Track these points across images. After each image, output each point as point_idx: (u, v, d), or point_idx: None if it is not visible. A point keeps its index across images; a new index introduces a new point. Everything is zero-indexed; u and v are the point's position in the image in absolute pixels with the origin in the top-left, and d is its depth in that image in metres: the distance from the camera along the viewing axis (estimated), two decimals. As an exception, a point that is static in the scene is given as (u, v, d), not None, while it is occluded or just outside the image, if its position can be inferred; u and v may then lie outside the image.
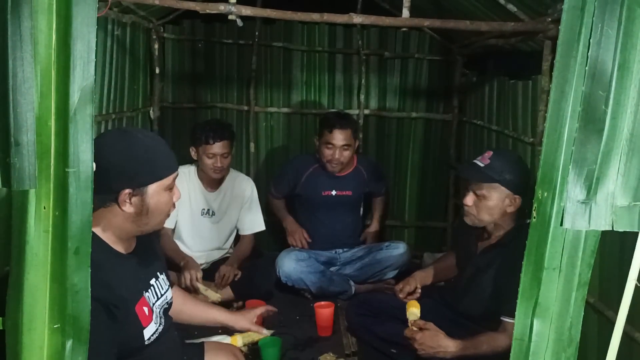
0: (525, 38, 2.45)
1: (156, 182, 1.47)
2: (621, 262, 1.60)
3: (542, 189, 0.87)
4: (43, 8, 0.84)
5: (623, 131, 0.84)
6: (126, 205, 1.44)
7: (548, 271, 0.89)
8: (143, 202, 1.46)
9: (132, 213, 1.45)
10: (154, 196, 1.47)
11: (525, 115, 2.52)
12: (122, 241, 1.52)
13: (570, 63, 0.83)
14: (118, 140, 1.46)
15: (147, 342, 1.53)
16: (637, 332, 1.53)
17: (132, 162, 1.44)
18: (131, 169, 1.43)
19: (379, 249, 3.19)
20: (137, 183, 1.44)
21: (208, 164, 2.81)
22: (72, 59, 0.86)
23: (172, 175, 1.52)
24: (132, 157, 1.44)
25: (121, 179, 1.42)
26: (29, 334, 0.91)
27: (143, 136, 1.53)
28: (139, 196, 1.45)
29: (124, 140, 1.47)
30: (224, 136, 2.81)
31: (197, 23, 3.59)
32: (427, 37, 3.59)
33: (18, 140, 0.83)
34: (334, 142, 3.00)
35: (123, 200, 1.43)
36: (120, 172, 1.42)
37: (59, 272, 0.90)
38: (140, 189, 1.45)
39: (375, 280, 3.16)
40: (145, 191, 1.46)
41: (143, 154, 1.46)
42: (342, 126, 3.00)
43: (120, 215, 1.45)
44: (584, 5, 0.82)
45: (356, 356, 2.45)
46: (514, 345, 0.92)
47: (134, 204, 1.44)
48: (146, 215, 1.48)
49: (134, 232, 1.52)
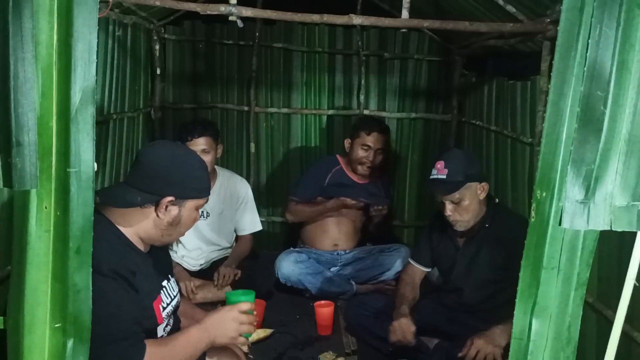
0: (524, 39, 2.45)
1: (195, 199, 1.55)
2: (620, 262, 1.61)
3: (540, 189, 0.87)
4: (44, 9, 0.84)
5: (621, 131, 0.84)
6: (162, 212, 1.50)
7: (547, 271, 0.89)
8: (179, 213, 1.53)
9: (164, 221, 1.51)
10: (188, 211, 1.55)
11: (524, 115, 2.52)
12: (142, 243, 1.57)
13: (569, 64, 0.84)
14: (176, 151, 1.56)
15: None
16: (636, 331, 1.54)
17: (184, 173, 1.52)
18: (181, 180, 1.51)
19: (380, 251, 3.19)
20: (181, 194, 1.51)
21: None
22: (73, 60, 0.86)
23: (207, 198, 1.61)
24: (185, 170, 1.53)
25: (169, 186, 1.49)
26: (30, 333, 0.91)
27: (196, 156, 1.64)
28: (178, 207, 1.52)
29: (181, 153, 1.57)
30: (205, 132, 2.81)
31: (198, 24, 3.60)
32: (426, 38, 3.60)
33: (19, 140, 0.84)
34: (370, 144, 3.06)
35: (163, 205, 1.49)
36: (171, 180, 1.50)
37: (60, 272, 0.91)
38: (181, 201, 1.52)
39: (375, 282, 3.16)
40: (184, 204, 1.53)
41: (194, 171, 1.55)
42: (381, 130, 3.11)
43: (151, 219, 1.51)
44: (582, 6, 0.82)
45: (356, 355, 2.45)
46: (513, 345, 0.93)
47: (169, 212, 1.51)
48: (175, 226, 1.55)
49: (155, 239, 1.57)
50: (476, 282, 2.24)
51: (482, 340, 2.01)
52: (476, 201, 2.16)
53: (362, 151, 3.08)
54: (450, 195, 2.13)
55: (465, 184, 2.11)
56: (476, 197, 2.16)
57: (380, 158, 3.12)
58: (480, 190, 2.17)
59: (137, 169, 1.53)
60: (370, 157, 3.08)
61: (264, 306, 2.63)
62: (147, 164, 1.51)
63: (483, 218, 2.22)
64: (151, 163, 1.51)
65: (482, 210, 2.22)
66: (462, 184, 2.11)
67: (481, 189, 2.17)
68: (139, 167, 1.52)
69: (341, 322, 2.71)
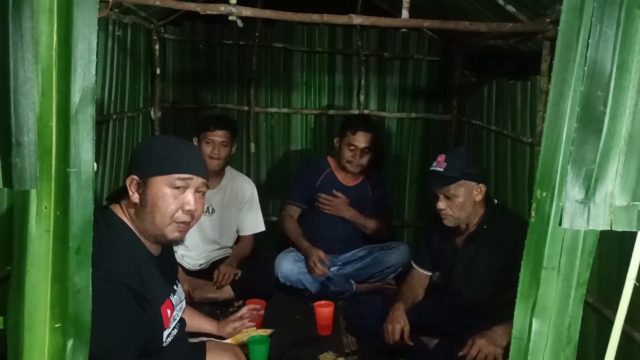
0: (524, 39, 2.45)
1: (160, 176, 1.48)
2: (620, 262, 1.61)
3: (540, 189, 0.87)
4: (44, 9, 0.84)
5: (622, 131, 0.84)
6: (132, 192, 1.50)
7: (547, 271, 0.89)
8: (144, 192, 1.49)
9: (136, 204, 1.50)
10: (153, 188, 1.48)
11: (524, 115, 2.52)
12: (152, 245, 1.56)
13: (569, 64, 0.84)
14: (151, 139, 1.61)
15: (165, 344, 1.57)
16: (636, 331, 1.54)
17: (148, 152, 1.54)
18: (144, 158, 1.52)
19: (380, 249, 3.19)
20: (143, 172, 1.50)
21: (206, 152, 2.85)
22: (73, 60, 0.86)
23: (180, 175, 1.50)
24: (149, 150, 1.55)
25: (134, 166, 1.53)
26: (30, 333, 0.91)
27: (173, 140, 1.60)
28: (143, 187, 1.49)
29: (154, 138, 1.63)
30: (226, 126, 2.90)
31: (198, 24, 3.60)
32: (426, 37, 3.60)
33: (19, 140, 0.84)
34: (356, 143, 3.04)
35: (129, 184, 1.50)
36: (136, 160, 1.54)
37: (60, 272, 0.90)
38: (145, 179, 1.49)
39: (375, 281, 3.16)
40: (148, 182, 1.49)
41: (159, 149, 1.54)
42: (365, 129, 3.05)
43: (132, 206, 1.51)
44: (582, 6, 0.82)
45: (356, 355, 2.45)
46: (513, 345, 0.93)
47: (137, 193, 1.50)
48: (145, 209, 1.49)
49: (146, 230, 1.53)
50: (476, 284, 2.24)
51: (484, 340, 2.01)
52: (471, 201, 2.17)
53: (348, 151, 3.07)
54: (443, 188, 2.15)
55: (460, 181, 2.13)
56: (471, 197, 2.17)
57: (368, 157, 3.10)
58: (477, 191, 2.18)
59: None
60: (357, 156, 3.07)
61: (264, 306, 2.63)
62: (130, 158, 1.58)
63: (481, 220, 2.23)
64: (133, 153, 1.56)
65: (480, 212, 2.22)
66: (457, 179, 2.12)
67: (478, 190, 2.18)
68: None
69: (341, 322, 2.71)
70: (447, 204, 2.17)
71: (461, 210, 2.17)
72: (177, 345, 1.63)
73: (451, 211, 2.17)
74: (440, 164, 2.17)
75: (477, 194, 2.18)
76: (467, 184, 2.15)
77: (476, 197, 2.18)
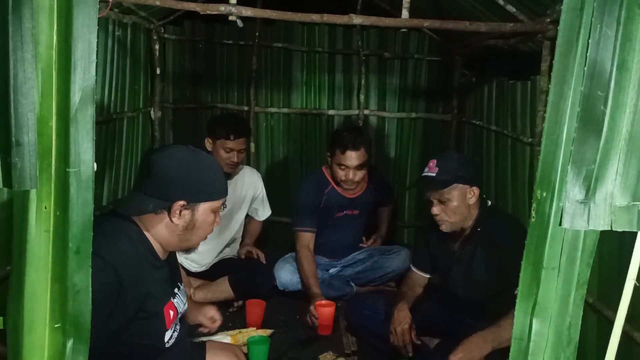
0: (524, 39, 2.45)
1: (209, 202, 1.55)
2: (620, 262, 1.60)
3: (541, 189, 0.87)
4: (44, 9, 0.84)
5: (622, 131, 0.84)
6: (176, 217, 1.51)
7: (547, 271, 0.89)
8: (192, 217, 1.53)
9: (179, 225, 1.52)
10: (202, 214, 1.55)
11: (524, 115, 2.52)
12: (162, 250, 1.59)
13: (569, 63, 0.84)
14: (186, 155, 1.56)
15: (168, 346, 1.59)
16: (636, 331, 1.54)
17: (194, 177, 1.53)
18: (192, 184, 1.52)
19: (381, 253, 3.17)
20: (193, 198, 1.52)
21: (224, 158, 2.85)
22: (73, 60, 0.86)
23: (222, 200, 1.60)
24: (196, 174, 1.54)
25: (180, 191, 1.50)
26: (29, 333, 0.91)
27: (207, 159, 1.64)
28: (190, 210, 1.52)
29: (191, 157, 1.56)
30: (244, 133, 2.92)
31: (198, 24, 3.60)
32: (426, 37, 3.60)
33: (19, 140, 0.84)
34: (347, 163, 2.87)
35: (175, 210, 1.50)
36: (181, 184, 1.51)
37: (59, 272, 0.90)
38: (193, 204, 1.52)
39: (376, 284, 3.14)
40: (197, 207, 1.53)
41: (205, 174, 1.56)
42: (355, 147, 2.84)
43: (166, 225, 1.53)
44: (582, 6, 0.82)
45: (356, 355, 2.45)
46: (513, 345, 0.93)
47: (183, 217, 1.52)
48: (191, 230, 1.55)
49: (173, 245, 1.59)
50: (474, 285, 2.23)
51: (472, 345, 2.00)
52: (465, 204, 2.16)
53: (340, 171, 2.90)
54: (436, 193, 2.15)
55: (453, 184, 2.12)
56: (465, 201, 2.16)
57: (362, 173, 2.94)
58: (471, 194, 2.17)
59: (150, 176, 1.52)
60: (350, 175, 2.89)
61: (264, 306, 2.63)
62: (159, 171, 1.52)
63: (476, 222, 2.22)
64: (163, 169, 1.51)
65: (473, 214, 2.22)
66: (449, 183, 2.12)
67: (471, 192, 2.17)
68: (151, 174, 1.52)
69: (341, 322, 2.71)
70: (442, 208, 2.16)
71: (455, 214, 2.17)
72: (177, 346, 1.63)
73: (446, 216, 2.17)
74: (432, 169, 2.16)
75: (470, 196, 2.17)
76: (460, 188, 2.15)
77: (470, 200, 2.17)
